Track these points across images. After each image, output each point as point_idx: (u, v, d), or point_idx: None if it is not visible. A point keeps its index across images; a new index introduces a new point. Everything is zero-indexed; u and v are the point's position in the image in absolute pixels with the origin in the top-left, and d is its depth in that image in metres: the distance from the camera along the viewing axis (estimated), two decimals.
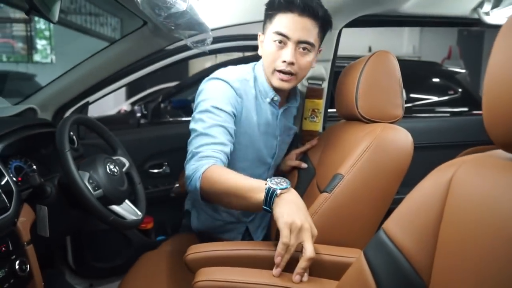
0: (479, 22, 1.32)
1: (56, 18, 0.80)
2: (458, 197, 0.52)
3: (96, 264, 1.61)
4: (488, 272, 0.45)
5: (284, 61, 1.02)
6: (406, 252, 0.57)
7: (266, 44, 1.05)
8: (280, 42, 1.02)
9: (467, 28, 6.01)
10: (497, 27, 1.32)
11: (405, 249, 0.57)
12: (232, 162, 1.06)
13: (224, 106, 1.02)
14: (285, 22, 1.00)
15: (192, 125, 1.04)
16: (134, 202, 1.16)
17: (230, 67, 1.15)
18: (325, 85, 1.45)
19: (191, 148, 1.00)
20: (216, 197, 0.92)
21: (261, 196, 0.80)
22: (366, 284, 0.60)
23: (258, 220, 1.34)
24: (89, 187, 0.97)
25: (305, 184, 1.26)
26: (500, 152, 0.52)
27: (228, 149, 0.99)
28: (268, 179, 0.83)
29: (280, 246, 0.75)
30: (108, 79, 1.40)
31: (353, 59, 1.16)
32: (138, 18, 1.22)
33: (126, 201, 1.12)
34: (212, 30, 1.21)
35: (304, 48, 1.03)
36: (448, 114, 2.90)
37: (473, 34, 6.19)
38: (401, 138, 0.93)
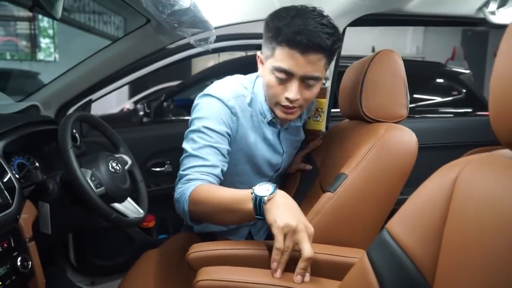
0: (484, 22, 1.31)
1: (59, 14, 0.80)
2: (463, 196, 0.52)
3: (97, 262, 1.61)
4: (493, 272, 0.45)
5: (287, 98, 0.94)
6: (410, 252, 0.56)
7: (267, 74, 0.96)
8: (283, 77, 0.93)
9: (471, 28, 5.98)
10: (503, 27, 1.31)
11: (409, 249, 0.56)
12: (230, 177, 1.05)
13: (217, 127, 0.98)
14: (288, 58, 0.89)
15: (184, 144, 1.01)
16: (136, 200, 1.15)
17: (226, 81, 1.08)
18: (328, 84, 1.45)
19: (180, 169, 0.98)
20: (206, 217, 0.90)
21: (249, 206, 0.78)
22: (369, 284, 0.60)
23: (261, 223, 1.30)
24: (91, 184, 0.97)
25: (308, 184, 1.25)
26: (506, 151, 0.51)
27: (218, 170, 0.95)
28: (253, 187, 0.79)
29: (274, 252, 0.74)
30: (111, 76, 1.40)
31: (356, 59, 1.15)
32: (141, 16, 1.22)
33: (128, 199, 1.12)
34: (216, 28, 1.20)
35: (309, 83, 0.94)
36: (451, 115, 2.89)
37: (478, 34, 6.16)
38: (405, 138, 0.92)
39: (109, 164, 1.07)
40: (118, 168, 1.10)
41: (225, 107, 1.00)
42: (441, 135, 1.91)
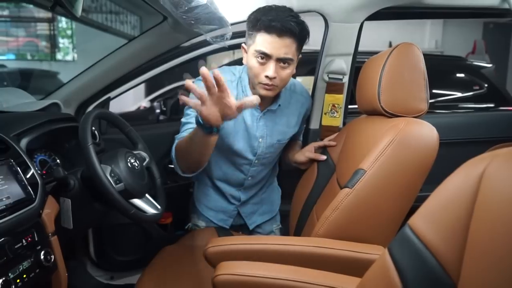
0: (509, 13, 1.26)
1: (79, 12, 0.81)
2: (490, 192, 0.50)
3: (117, 257, 1.64)
4: None
5: (267, 76, 1.11)
6: (433, 249, 0.54)
7: (250, 59, 1.14)
8: (262, 58, 1.11)
9: (493, 21, 5.79)
10: None
11: (433, 246, 0.55)
12: (218, 154, 1.26)
13: None
14: (266, 42, 1.09)
15: (182, 119, 1.23)
16: (154, 197, 1.17)
17: (217, 69, 1.23)
18: (345, 79, 1.43)
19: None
20: (187, 161, 1.13)
21: (198, 130, 0.97)
22: (391, 281, 0.58)
23: (251, 206, 1.42)
24: (111, 180, 0.98)
25: (324, 180, 1.24)
26: None
27: None
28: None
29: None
30: (129, 74, 1.42)
31: (372, 55, 1.14)
32: (157, 15, 1.23)
33: (146, 195, 1.13)
34: (232, 24, 1.20)
35: (284, 63, 1.12)
36: (472, 110, 2.81)
37: (500, 27, 5.97)
38: (425, 133, 0.90)
39: (128, 160, 1.08)
40: (136, 165, 1.11)
41: None
42: (463, 130, 1.85)
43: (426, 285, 0.55)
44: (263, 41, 1.09)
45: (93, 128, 1.26)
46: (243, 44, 1.19)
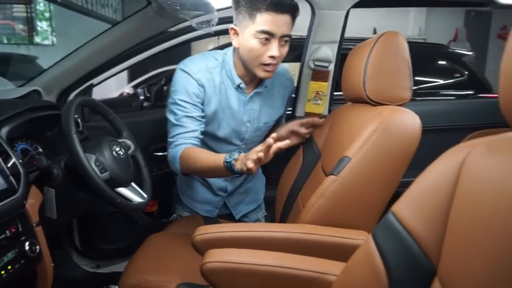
0: (491, 2, 1.28)
1: None
2: (470, 179, 0.52)
3: (102, 245, 1.63)
4: (498, 254, 0.45)
5: (272, 56, 1.10)
6: (415, 235, 0.57)
7: (248, 40, 1.11)
8: (266, 39, 1.09)
9: (475, 9, 5.88)
10: (510, 7, 1.28)
11: (415, 232, 0.57)
12: (203, 140, 1.25)
13: (188, 98, 1.18)
14: (269, 20, 1.07)
15: (167, 114, 1.22)
16: (140, 185, 1.16)
17: (199, 55, 1.25)
18: (331, 67, 1.43)
19: (168, 136, 1.21)
20: (193, 172, 1.18)
21: (224, 171, 1.00)
22: (374, 266, 0.60)
23: (237, 196, 1.42)
24: (96, 169, 0.97)
25: (310, 167, 1.26)
26: None
27: (197, 133, 1.18)
28: (224, 156, 1.00)
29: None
30: (112, 61, 1.38)
31: (357, 41, 1.14)
32: None
33: (132, 183, 1.12)
34: (218, 10, 1.18)
35: (285, 41, 1.12)
36: (453, 97, 2.87)
37: (481, 15, 6.05)
38: (409, 121, 0.92)
39: (113, 149, 1.07)
40: (121, 153, 1.10)
41: (192, 80, 1.18)
42: (444, 117, 1.89)
43: (408, 269, 0.57)
44: (266, 20, 1.06)
45: (76, 116, 1.23)
46: (233, 26, 1.15)
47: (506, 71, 0.47)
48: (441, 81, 2.93)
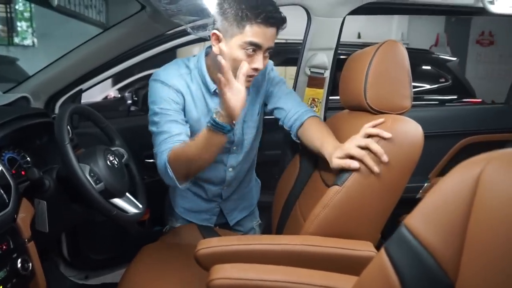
0: (483, 11, 1.30)
1: (55, 1, 0.75)
2: (488, 195, 0.51)
3: (91, 255, 1.58)
4: None
5: (255, 68, 1.08)
6: (431, 249, 0.56)
7: (234, 50, 1.07)
8: (253, 50, 1.06)
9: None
10: (502, 16, 1.31)
11: (430, 246, 0.56)
12: None
13: (168, 105, 1.14)
14: (259, 33, 1.04)
15: (150, 127, 1.16)
16: (134, 194, 1.12)
17: (171, 64, 1.23)
18: (327, 74, 1.43)
19: (154, 149, 1.13)
20: (189, 166, 1.05)
21: (216, 137, 0.96)
22: (389, 281, 0.59)
23: (232, 202, 1.39)
24: (91, 180, 0.93)
25: (306, 175, 1.24)
26: None
27: (183, 136, 1.11)
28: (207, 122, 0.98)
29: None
30: (103, 65, 1.34)
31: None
32: (136, 2, 1.16)
33: (127, 193, 1.09)
34: None
35: (268, 53, 1.11)
36: (437, 102, 2.92)
37: (460, 21, 6.22)
38: (411, 130, 0.92)
39: (107, 158, 1.03)
40: (116, 162, 1.06)
41: (169, 88, 1.15)
42: (434, 124, 1.92)
43: (424, 284, 0.56)
44: (256, 32, 1.04)
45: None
46: (215, 31, 1.09)
47: None
48: (428, 86, 2.98)
